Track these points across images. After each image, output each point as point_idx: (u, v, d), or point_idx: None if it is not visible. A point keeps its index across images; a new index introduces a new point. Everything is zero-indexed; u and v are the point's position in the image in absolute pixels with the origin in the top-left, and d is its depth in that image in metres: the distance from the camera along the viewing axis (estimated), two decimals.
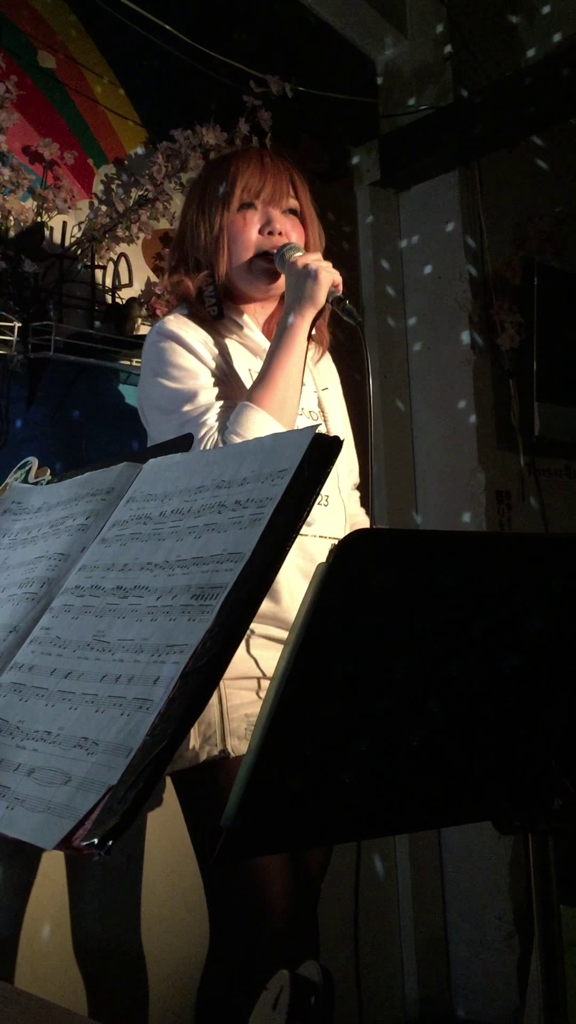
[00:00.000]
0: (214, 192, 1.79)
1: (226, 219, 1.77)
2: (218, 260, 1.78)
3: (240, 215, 1.78)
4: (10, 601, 0.94)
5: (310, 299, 1.68)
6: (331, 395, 1.92)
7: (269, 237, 1.77)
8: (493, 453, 2.95)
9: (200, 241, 1.79)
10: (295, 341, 1.68)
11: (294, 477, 0.75)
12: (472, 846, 2.81)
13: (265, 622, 1.66)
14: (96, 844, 0.61)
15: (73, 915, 2.09)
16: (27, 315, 2.08)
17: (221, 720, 1.61)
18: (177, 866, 2.22)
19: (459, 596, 0.80)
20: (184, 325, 1.74)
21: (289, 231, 1.79)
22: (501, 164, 3.09)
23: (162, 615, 0.75)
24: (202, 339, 1.74)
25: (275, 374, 1.66)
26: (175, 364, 1.70)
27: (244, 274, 1.78)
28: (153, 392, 1.74)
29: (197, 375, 1.70)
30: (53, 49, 2.30)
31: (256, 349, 1.81)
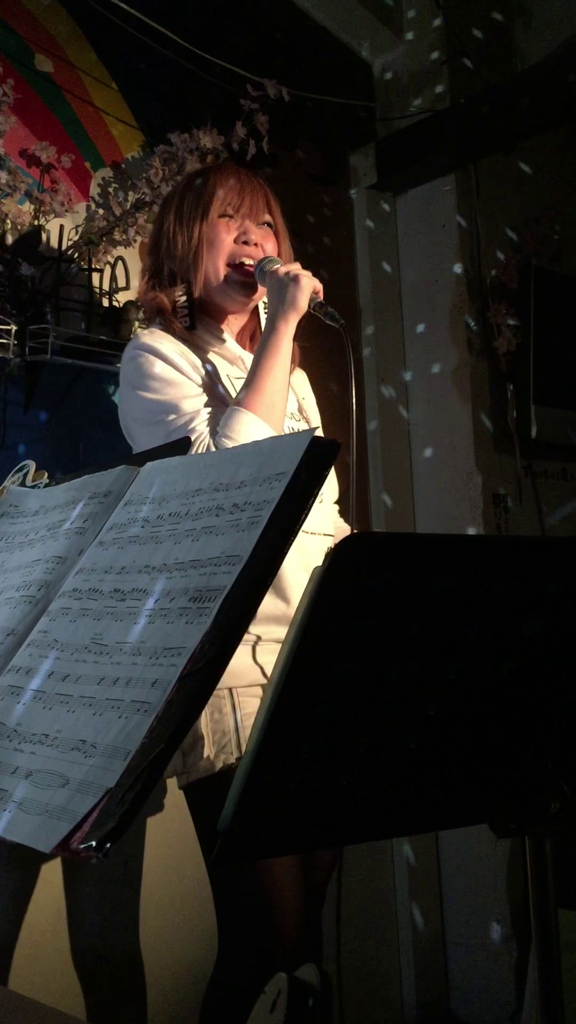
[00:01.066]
0: (193, 204, 1.81)
1: (204, 229, 1.80)
2: (196, 271, 1.80)
3: (219, 222, 1.81)
4: (8, 604, 0.94)
5: (292, 304, 1.71)
6: (309, 404, 1.96)
7: (243, 246, 1.81)
8: (490, 456, 2.95)
9: (177, 251, 1.81)
10: (280, 345, 1.70)
11: (292, 480, 0.75)
12: (470, 849, 2.81)
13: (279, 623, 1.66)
14: (94, 847, 0.61)
15: (71, 919, 2.09)
16: (24, 318, 2.08)
17: (236, 729, 1.61)
18: (176, 871, 2.22)
19: (455, 599, 0.80)
20: (160, 338, 1.76)
21: (264, 242, 1.82)
22: (498, 168, 3.10)
23: (160, 618, 0.75)
24: (179, 350, 1.75)
25: (263, 378, 1.68)
26: (154, 376, 1.71)
27: (220, 287, 1.81)
28: (134, 407, 1.74)
29: (178, 385, 1.71)
30: (50, 52, 2.30)
31: (233, 359, 1.83)
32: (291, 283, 1.71)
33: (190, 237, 1.80)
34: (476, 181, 3.04)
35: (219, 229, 1.80)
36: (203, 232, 1.80)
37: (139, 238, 2.30)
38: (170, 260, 1.82)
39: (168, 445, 1.00)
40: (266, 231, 1.84)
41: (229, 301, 1.83)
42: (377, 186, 3.05)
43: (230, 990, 1.66)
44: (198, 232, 1.80)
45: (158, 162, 2.32)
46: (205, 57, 2.54)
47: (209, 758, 1.60)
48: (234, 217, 1.82)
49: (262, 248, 1.82)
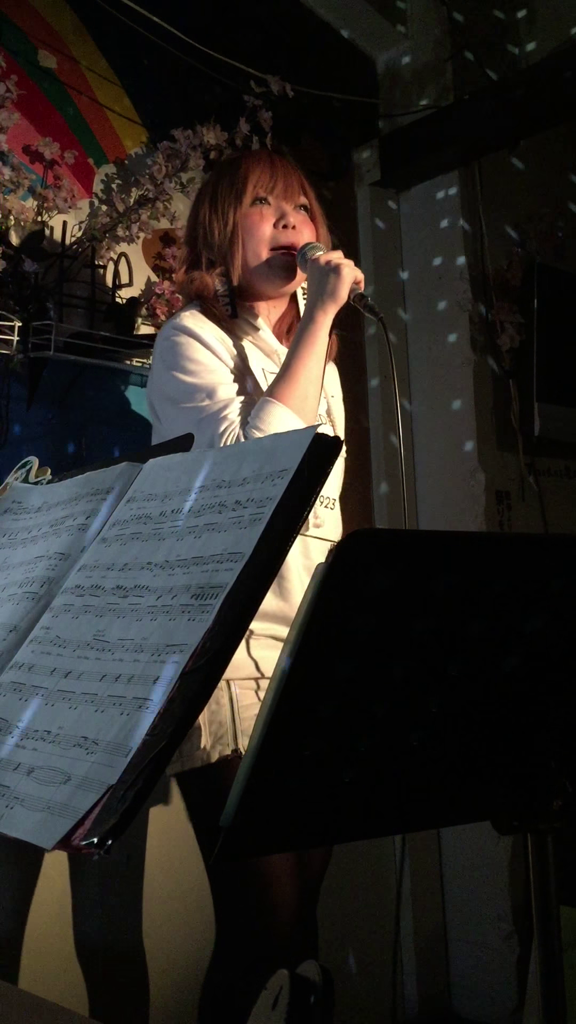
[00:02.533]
0: (226, 190, 1.79)
1: (239, 215, 1.78)
2: (233, 257, 1.78)
3: (254, 210, 1.78)
4: (10, 600, 0.94)
5: (332, 295, 1.68)
6: (336, 403, 1.94)
7: (284, 231, 1.78)
8: (493, 453, 2.95)
9: (214, 239, 1.79)
10: (317, 337, 1.68)
11: (294, 477, 0.75)
12: (471, 846, 2.81)
13: (276, 621, 1.66)
14: (96, 843, 0.61)
15: (74, 915, 2.09)
16: (27, 314, 2.07)
17: (232, 720, 1.61)
18: (178, 866, 2.22)
19: (458, 596, 0.80)
20: (201, 322, 1.74)
21: (302, 226, 1.80)
22: (502, 164, 3.09)
23: (162, 615, 0.75)
24: (219, 336, 1.74)
25: (297, 370, 1.66)
26: (192, 359, 1.70)
27: (262, 269, 1.78)
28: (167, 385, 1.72)
29: (214, 370, 1.70)
30: (53, 48, 2.30)
31: (269, 351, 1.81)
32: (332, 273, 1.68)
33: (225, 223, 1.78)
34: (480, 177, 3.03)
35: (255, 218, 1.78)
36: (238, 218, 1.78)
37: (142, 235, 2.30)
38: (207, 249, 1.80)
39: (171, 442, 1.00)
40: (303, 215, 1.82)
41: (268, 285, 1.80)
42: (380, 183, 3.04)
43: (226, 983, 1.67)
44: (233, 218, 1.78)
45: (161, 158, 2.31)
46: (209, 53, 2.53)
47: (205, 748, 1.60)
48: (268, 201, 1.79)
49: (300, 232, 1.79)
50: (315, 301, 1.70)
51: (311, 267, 1.73)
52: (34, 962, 2.01)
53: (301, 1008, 0.69)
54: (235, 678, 1.64)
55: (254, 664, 1.66)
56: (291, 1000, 0.69)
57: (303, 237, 1.79)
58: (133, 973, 2.18)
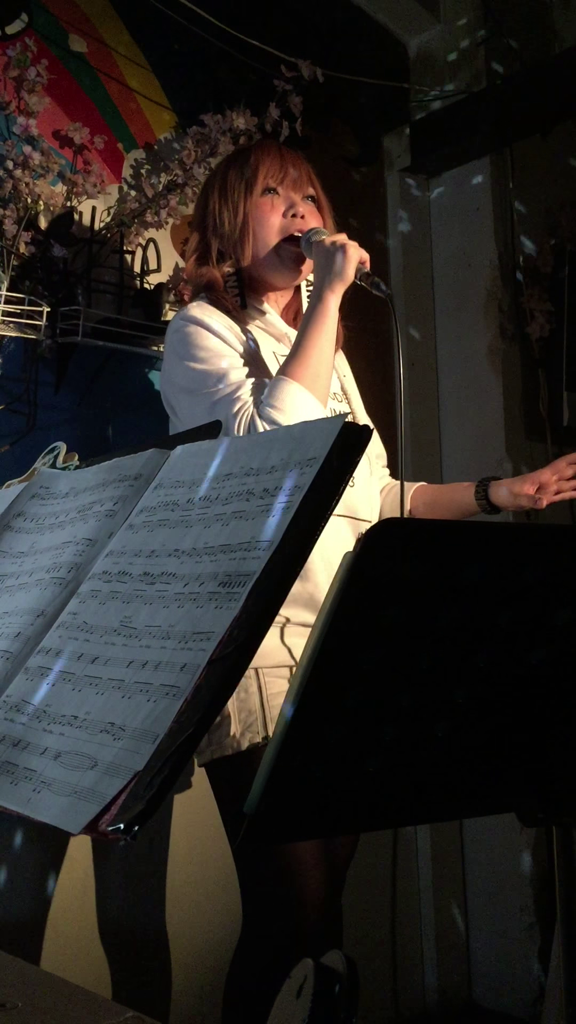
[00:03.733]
0: (236, 180, 1.82)
1: (250, 205, 1.81)
2: (243, 247, 1.80)
3: (264, 200, 1.81)
4: (38, 586, 0.94)
5: (339, 275, 1.70)
6: (349, 382, 1.97)
7: (293, 220, 1.81)
8: (521, 442, 2.93)
9: (224, 229, 1.81)
10: (327, 315, 1.70)
11: (323, 466, 0.74)
12: (494, 836, 2.80)
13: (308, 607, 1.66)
14: (122, 829, 0.62)
15: (98, 898, 2.11)
16: (56, 300, 2.08)
17: (262, 708, 1.62)
18: (202, 852, 2.23)
19: (486, 587, 0.79)
20: (208, 311, 1.77)
21: (310, 216, 1.82)
22: (534, 150, 3.05)
23: (189, 602, 0.75)
24: (227, 324, 1.76)
25: (308, 348, 1.68)
26: (201, 346, 1.72)
27: (271, 259, 1.81)
28: (179, 376, 1.75)
29: (224, 355, 1.72)
30: (84, 33, 2.30)
31: (279, 336, 1.83)
32: (337, 252, 1.70)
33: (235, 213, 1.81)
34: (511, 164, 3.00)
35: (265, 208, 1.81)
36: (248, 208, 1.80)
37: (171, 220, 2.29)
38: (216, 238, 1.83)
39: (199, 428, 1.00)
40: (311, 206, 1.85)
41: (277, 275, 1.83)
42: (411, 168, 3.02)
43: (252, 969, 1.68)
44: (243, 208, 1.80)
45: (191, 143, 2.30)
46: (239, 37, 2.52)
47: (235, 736, 1.61)
48: (278, 191, 1.82)
49: (308, 222, 1.81)
50: (322, 282, 1.71)
51: (316, 249, 1.74)
52: (57, 944, 2.03)
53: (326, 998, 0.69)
54: (264, 666, 1.65)
55: (287, 651, 1.67)
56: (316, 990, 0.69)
57: (312, 226, 1.80)
58: (156, 957, 2.19)
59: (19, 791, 0.72)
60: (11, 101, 2.10)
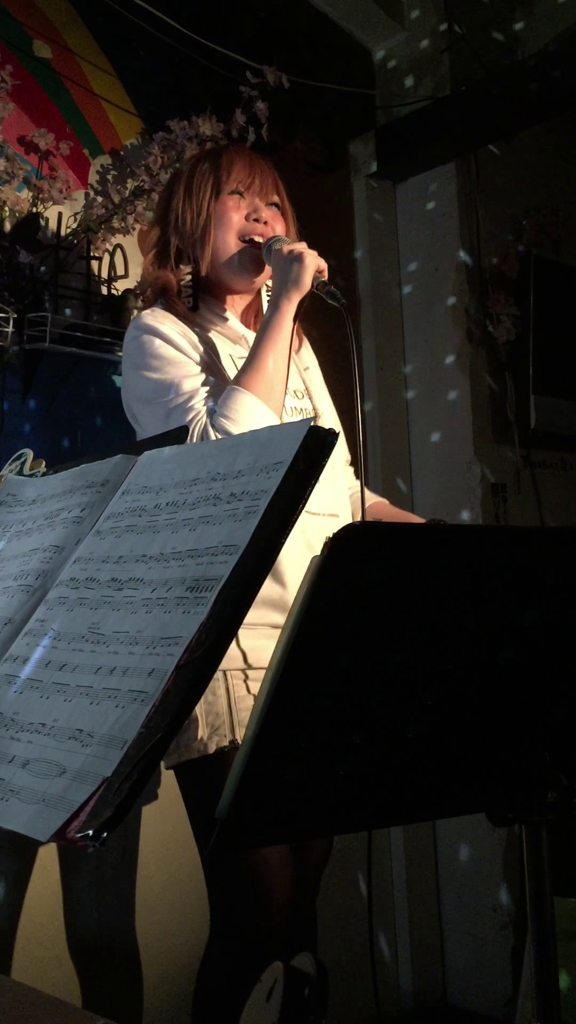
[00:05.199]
0: (203, 181, 1.81)
1: (214, 205, 1.80)
2: (203, 247, 1.80)
3: (229, 199, 1.81)
4: (5, 593, 0.94)
5: (295, 283, 1.70)
6: (312, 375, 1.95)
7: (253, 223, 1.81)
8: (489, 446, 2.95)
9: (185, 227, 1.81)
10: (282, 325, 1.70)
11: (289, 470, 0.75)
12: (467, 837, 2.82)
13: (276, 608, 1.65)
14: (91, 836, 0.61)
15: (67, 907, 2.09)
16: (22, 306, 2.07)
17: (229, 711, 1.61)
18: (172, 858, 2.23)
19: (454, 589, 0.80)
20: (162, 318, 1.76)
21: (273, 222, 1.82)
22: (499, 156, 3.08)
23: (157, 607, 0.75)
24: (180, 331, 1.75)
25: (263, 357, 1.67)
26: (155, 355, 1.71)
27: (230, 261, 1.80)
28: (136, 385, 1.74)
29: (179, 364, 1.71)
30: (49, 38, 2.29)
31: (236, 338, 1.82)
32: (295, 261, 1.70)
33: (198, 213, 1.80)
34: (476, 169, 3.03)
35: (228, 206, 1.80)
36: (213, 209, 1.80)
37: (138, 226, 2.29)
38: (177, 236, 1.82)
39: (166, 434, 1.00)
40: (275, 212, 1.85)
41: (236, 279, 1.82)
42: (377, 174, 3.04)
43: (220, 975, 1.67)
44: (207, 208, 1.80)
45: (157, 149, 2.30)
46: (204, 44, 2.52)
47: (202, 739, 1.61)
48: (244, 195, 1.82)
49: (272, 228, 1.82)
50: (279, 290, 1.72)
51: (275, 257, 1.75)
52: (27, 953, 2.01)
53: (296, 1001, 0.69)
54: (231, 668, 1.64)
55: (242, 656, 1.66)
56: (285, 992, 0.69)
57: (273, 232, 1.81)
58: (126, 964, 2.18)
59: None
60: None
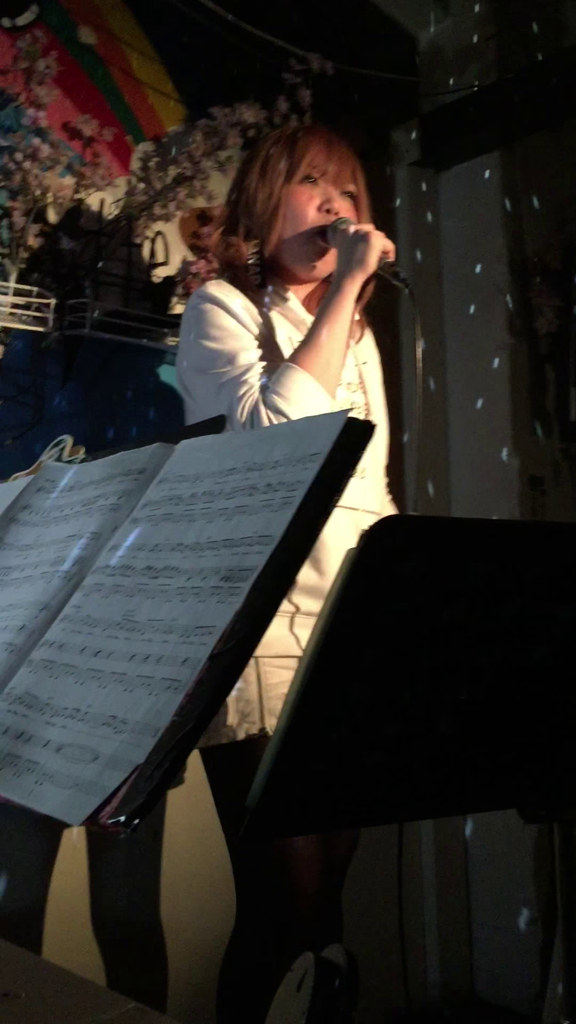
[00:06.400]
0: (279, 162, 1.79)
1: (286, 190, 1.77)
2: (271, 231, 1.78)
3: (302, 188, 1.78)
4: (43, 579, 0.95)
5: (360, 263, 1.68)
6: (370, 369, 1.93)
7: (327, 215, 1.78)
8: (528, 438, 2.92)
9: (256, 208, 1.79)
10: (343, 305, 1.67)
11: (326, 461, 0.75)
12: (498, 831, 2.81)
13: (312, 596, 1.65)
14: (123, 822, 0.62)
15: (95, 889, 2.11)
16: (63, 292, 2.08)
17: (259, 698, 1.61)
18: (198, 844, 2.23)
19: (489, 584, 0.79)
20: (227, 290, 1.75)
21: (345, 213, 1.79)
22: (544, 145, 3.04)
23: (191, 596, 0.75)
24: (244, 304, 1.74)
25: (320, 336, 1.65)
26: (216, 325, 1.70)
27: (296, 248, 1.78)
28: (193, 353, 1.73)
29: (238, 336, 1.70)
30: (94, 25, 2.29)
31: (296, 321, 1.80)
32: (360, 241, 1.68)
33: (269, 195, 1.78)
34: (521, 158, 2.99)
35: (301, 197, 1.77)
36: (284, 193, 1.77)
37: (179, 213, 2.29)
38: (246, 215, 1.80)
39: (204, 423, 1.00)
40: (349, 203, 1.81)
41: (298, 265, 1.80)
42: (420, 162, 3.01)
43: (245, 961, 1.68)
44: (279, 192, 1.77)
45: (199, 136, 2.30)
46: (249, 30, 2.51)
47: (232, 726, 1.61)
48: (317, 182, 1.78)
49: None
50: (343, 269, 1.69)
51: (340, 238, 1.72)
52: (55, 933, 2.04)
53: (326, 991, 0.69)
54: (264, 656, 1.64)
55: (295, 640, 1.65)
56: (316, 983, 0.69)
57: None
58: (151, 947, 2.20)
59: (21, 783, 0.72)
60: (20, 93, 2.10)
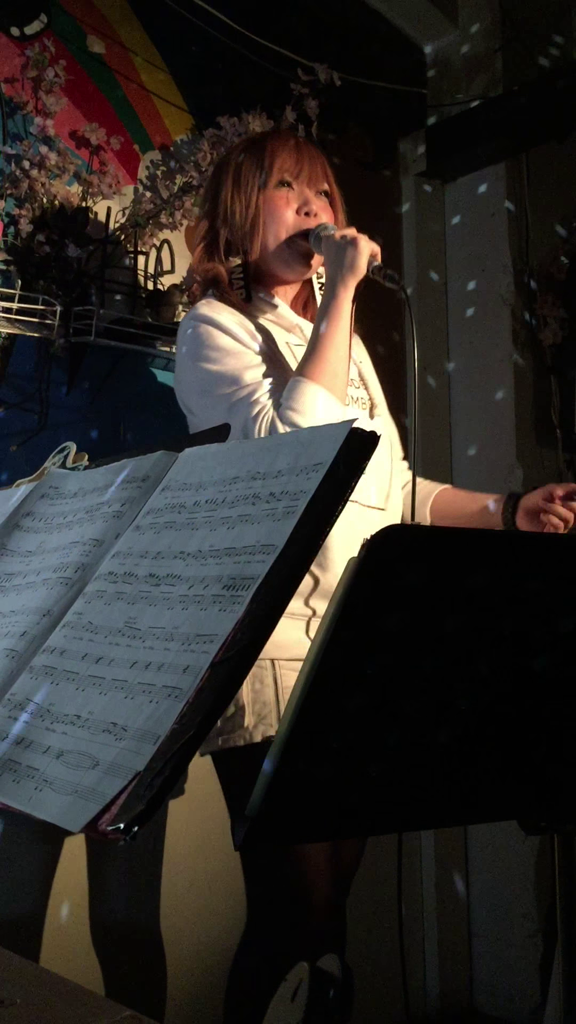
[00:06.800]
0: (250, 171, 1.80)
1: (262, 198, 1.78)
2: (252, 240, 1.79)
3: (278, 194, 1.79)
4: (45, 585, 0.95)
5: (351, 268, 1.68)
6: (366, 366, 1.95)
7: (306, 218, 1.79)
8: (532, 449, 2.92)
9: (235, 220, 1.80)
10: (340, 312, 1.68)
11: (329, 471, 0.75)
12: (499, 843, 2.80)
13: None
14: (122, 829, 0.62)
15: (94, 896, 2.11)
16: (69, 299, 2.09)
17: (276, 701, 1.61)
18: (200, 851, 2.23)
19: (490, 594, 0.79)
20: (218, 308, 1.75)
21: (323, 212, 1.80)
22: (550, 157, 3.05)
23: (193, 604, 0.75)
24: (238, 320, 1.74)
25: (324, 346, 1.65)
26: (214, 346, 1.70)
27: (280, 254, 1.79)
28: (194, 377, 1.73)
29: (238, 355, 1.70)
30: (102, 34, 2.30)
31: (290, 326, 1.81)
32: (349, 246, 1.68)
33: (247, 205, 1.79)
34: (527, 170, 3.00)
35: (279, 202, 1.78)
36: (261, 202, 1.78)
37: (185, 222, 2.30)
38: (226, 229, 1.81)
39: (208, 431, 1.00)
40: (324, 202, 1.83)
41: (287, 270, 1.81)
42: (426, 173, 3.02)
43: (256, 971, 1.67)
44: (256, 201, 1.78)
45: (206, 146, 2.31)
46: (256, 40, 2.52)
47: (248, 728, 1.60)
48: (292, 186, 1.80)
49: (321, 220, 1.79)
50: (335, 276, 1.69)
51: (327, 244, 1.72)
52: (53, 941, 2.03)
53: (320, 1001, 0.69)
54: (281, 658, 1.63)
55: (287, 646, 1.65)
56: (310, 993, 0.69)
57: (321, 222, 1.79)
58: (152, 956, 2.19)
59: (21, 789, 0.72)
60: (29, 101, 2.11)
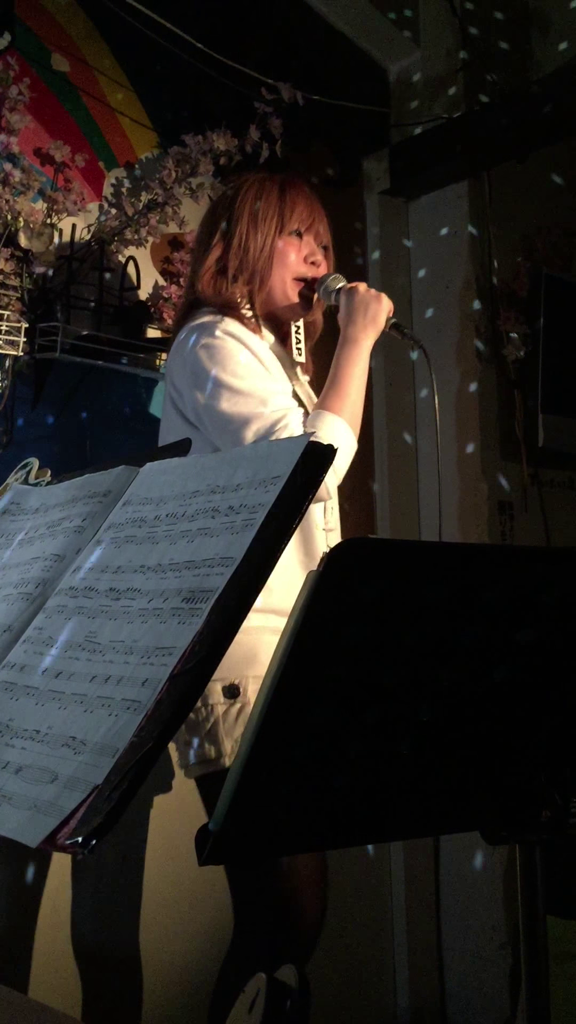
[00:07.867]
0: (269, 212, 1.89)
1: (277, 242, 1.88)
2: (263, 279, 1.88)
3: (290, 240, 1.90)
4: (5, 601, 0.95)
5: (373, 322, 1.82)
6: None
7: (312, 266, 1.91)
8: (496, 464, 2.95)
9: (248, 255, 1.88)
10: (362, 357, 1.79)
11: (287, 484, 0.75)
12: (467, 855, 2.80)
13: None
14: (80, 843, 0.62)
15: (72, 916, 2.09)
16: (34, 316, 2.08)
17: None
18: (178, 870, 2.22)
19: (449, 606, 0.80)
20: (241, 327, 1.80)
21: (323, 264, 1.94)
22: (511, 175, 3.09)
23: (153, 617, 0.75)
24: (257, 342, 1.80)
25: (347, 385, 1.76)
26: (241, 362, 1.74)
27: (285, 295, 1.90)
28: (218, 390, 1.70)
29: (262, 376, 1.75)
30: (67, 52, 2.31)
31: (292, 363, 1.93)
32: (373, 301, 1.82)
33: (262, 247, 1.88)
34: (489, 188, 3.04)
35: (291, 249, 1.89)
36: (275, 243, 1.88)
37: (151, 239, 2.31)
38: (237, 260, 1.88)
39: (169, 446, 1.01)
40: (323, 255, 1.96)
41: (288, 311, 1.92)
42: (389, 191, 3.05)
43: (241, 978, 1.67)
44: (271, 243, 1.88)
45: (171, 163, 2.32)
46: (220, 60, 2.54)
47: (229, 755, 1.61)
48: (303, 236, 1.91)
49: (323, 270, 1.94)
50: (358, 326, 1.81)
51: (347, 294, 1.84)
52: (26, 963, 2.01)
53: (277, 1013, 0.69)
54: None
55: None
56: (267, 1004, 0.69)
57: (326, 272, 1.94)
58: (128, 976, 2.17)
59: None
60: None
